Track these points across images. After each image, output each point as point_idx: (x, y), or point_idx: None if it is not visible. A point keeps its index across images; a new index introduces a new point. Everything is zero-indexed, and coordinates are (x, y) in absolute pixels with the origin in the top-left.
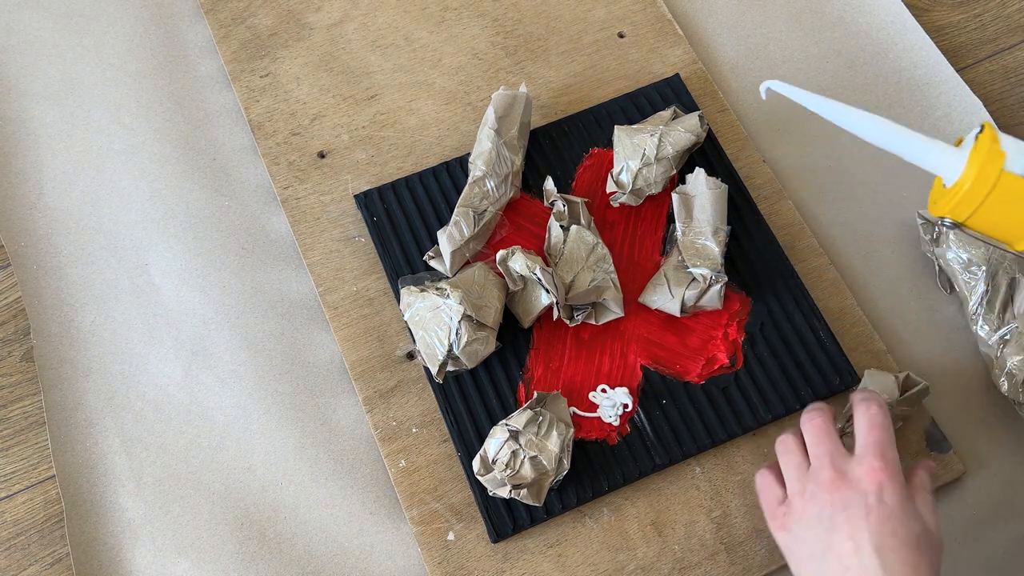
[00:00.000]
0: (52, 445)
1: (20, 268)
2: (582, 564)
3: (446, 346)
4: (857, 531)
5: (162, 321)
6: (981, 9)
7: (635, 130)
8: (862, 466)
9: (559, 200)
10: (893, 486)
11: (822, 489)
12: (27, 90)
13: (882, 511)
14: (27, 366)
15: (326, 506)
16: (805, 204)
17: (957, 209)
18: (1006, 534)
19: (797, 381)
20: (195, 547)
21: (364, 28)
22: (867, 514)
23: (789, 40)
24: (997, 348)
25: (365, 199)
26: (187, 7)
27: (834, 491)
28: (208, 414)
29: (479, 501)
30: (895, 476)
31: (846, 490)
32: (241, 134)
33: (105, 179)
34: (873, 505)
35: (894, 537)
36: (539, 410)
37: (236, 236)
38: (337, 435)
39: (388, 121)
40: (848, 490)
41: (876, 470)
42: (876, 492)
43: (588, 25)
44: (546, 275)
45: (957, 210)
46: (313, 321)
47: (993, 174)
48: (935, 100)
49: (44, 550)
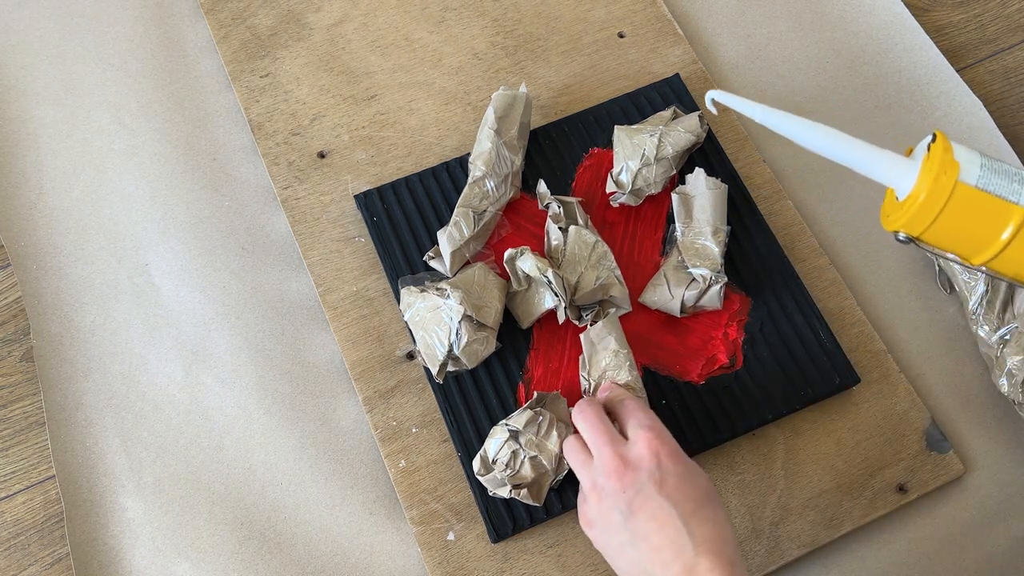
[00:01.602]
0: (52, 445)
1: (20, 268)
2: (582, 564)
3: (446, 346)
4: (655, 508)
5: (162, 321)
6: (981, 9)
7: (635, 130)
8: (636, 444)
9: (554, 202)
10: (668, 450)
11: (611, 479)
12: (27, 90)
13: (669, 480)
14: (27, 366)
15: (326, 506)
16: (805, 204)
17: (911, 223)
18: (1006, 534)
19: (797, 381)
20: (195, 547)
21: (364, 28)
22: (659, 487)
23: (789, 40)
24: (997, 348)
25: (365, 199)
26: (187, 7)
27: (619, 479)
28: (208, 414)
29: (479, 501)
30: (666, 441)
31: (631, 475)
32: (241, 134)
33: (105, 179)
34: (660, 477)
35: (689, 498)
36: (539, 410)
37: (236, 236)
38: (337, 435)
39: (388, 121)
40: (632, 474)
41: (649, 441)
42: (658, 466)
43: (588, 25)
44: (557, 279)
45: (911, 224)
46: (313, 321)
47: (947, 186)
48: (935, 100)
49: (44, 550)
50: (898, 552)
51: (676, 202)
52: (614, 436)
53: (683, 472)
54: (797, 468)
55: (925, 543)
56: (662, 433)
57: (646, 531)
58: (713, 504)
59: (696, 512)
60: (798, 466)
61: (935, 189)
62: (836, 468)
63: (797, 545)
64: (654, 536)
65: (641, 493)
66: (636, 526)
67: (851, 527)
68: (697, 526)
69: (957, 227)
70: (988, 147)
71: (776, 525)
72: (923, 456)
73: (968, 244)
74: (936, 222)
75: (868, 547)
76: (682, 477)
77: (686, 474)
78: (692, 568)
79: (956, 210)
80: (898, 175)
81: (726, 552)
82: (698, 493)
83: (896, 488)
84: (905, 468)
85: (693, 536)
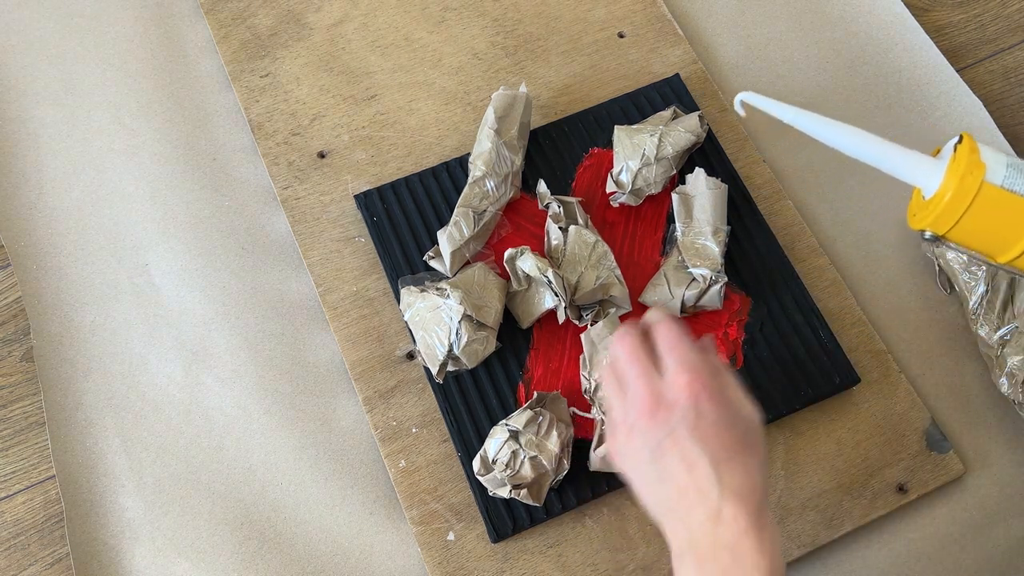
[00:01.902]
0: (52, 445)
1: (20, 268)
2: (582, 564)
3: (446, 346)
4: (686, 450)
5: (162, 321)
6: (981, 9)
7: (635, 130)
8: (674, 385)
9: (554, 202)
10: (708, 394)
11: (643, 417)
12: (27, 90)
13: (704, 424)
14: (27, 366)
15: (326, 506)
16: (805, 204)
17: (937, 222)
18: (1006, 534)
19: (797, 381)
20: (195, 547)
21: (364, 28)
22: (691, 430)
23: (789, 40)
24: (997, 348)
25: (365, 199)
26: (187, 7)
27: (654, 416)
28: (208, 414)
29: (479, 501)
30: (708, 384)
31: (664, 414)
32: (241, 134)
33: (105, 179)
34: (693, 420)
35: (722, 445)
36: (539, 410)
37: (236, 236)
38: (337, 435)
39: (388, 121)
40: (666, 413)
41: (689, 383)
42: (694, 406)
43: (588, 25)
44: (557, 278)
45: (937, 223)
46: (313, 321)
47: (973, 186)
48: (935, 100)
49: (44, 550)
50: (898, 552)
51: (676, 202)
52: (650, 371)
53: (721, 416)
54: (797, 468)
55: (925, 543)
56: (704, 373)
57: (673, 472)
58: (749, 451)
59: (728, 459)
60: (798, 466)
61: (961, 189)
62: (836, 468)
63: (797, 545)
64: (681, 478)
65: (672, 434)
66: (664, 467)
67: (851, 527)
68: (727, 472)
69: (982, 226)
70: None
71: (776, 525)
72: (923, 456)
73: (993, 243)
74: (962, 221)
75: (868, 547)
76: (718, 422)
77: (725, 419)
78: (717, 513)
79: (981, 209)
80: (925, 175)
81: (753, 500)
82: (734, 439)
83: (896, 488)
84: (905, 468)
85: (721, 482)
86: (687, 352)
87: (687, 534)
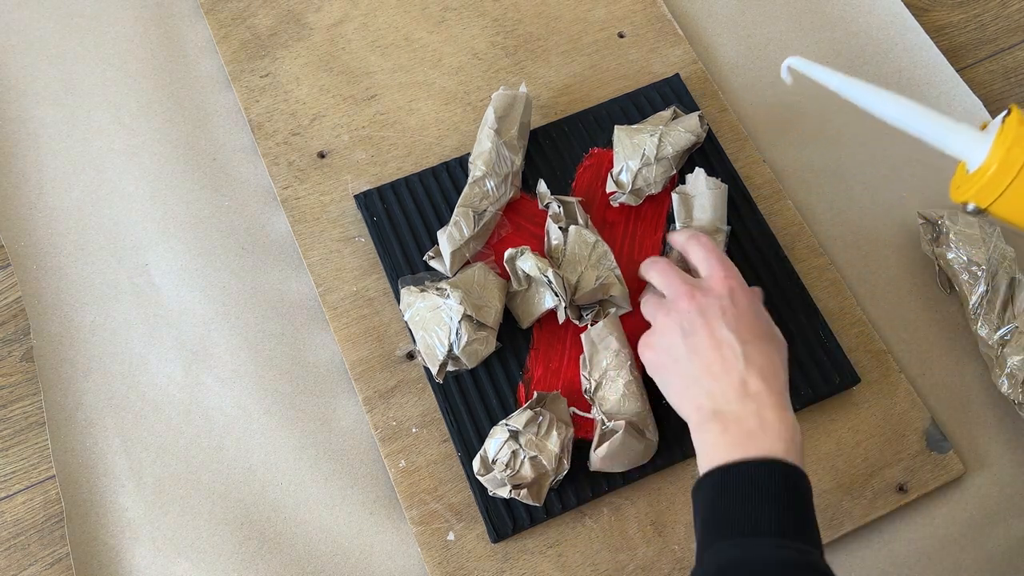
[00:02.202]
0: (52, 445)
1: (20, 268)
2: (582, 564)
3: (446, 346)
4: (715, 329)
5: (162, 321)
6: (981, 9)
7: (635, 130)
8: (712, 278)
9: (554, 202)
10: (742, 290)
11: (679, 300)
12: (27, 90)
13: (736, 310)
14: (27, 366)
15: (326, 506)
16: (805, 204)
17: (981, 194)
18: (1006, 534)
19: (797, 381)
20: (195, 547)
21: (364, 28)
22: (723, 313)
23: (789, 40)
24: (997, 348)
25: (365, 199)
26: (187, 7)
27: (690, 299)
28: (208, 414)
29: (479, 501)
30: (742, 283)
31: (701, 298)
32: (241, 134)
33: (105, 179)
34: (727, 306)
35: (749, 330)
36: (539, 410)
37: (236, 236)
38: (337, 435)
39: (388, 121)
40: (703, 297)
41: (725, 277)
42: (728, 295)
43: (588, 25)
44: (558, 278)
45: (981, 195)
46: (313, 321)
47: (1020, 158)
48: (935, 100)
49: (44, 550)
50: (898, 552)
51: (676, 202)
52: (688, 276)
53: (752, 307)
54: None
55: (925, 543)
56: (738, 276)
57: (702, 348)
58: (774, 345)
59: (754, 342)
60: None
61: (1007, 160)
62: (836, 468)
63: None
64: (709, 353)
65: (705, 314)
66: (694, 343)
67: (851, 527)
68: (753, 352)
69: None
70: None
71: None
72: (923, 456)
73: None
74: (1006, 193)
75: (868, 547)
76: (749, 311)
77: (754, 310)
78: (743, 384)
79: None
80: (970, 147)
81: (776, 383)
82: (761, 330)
83: (896, 488)
84: (905, 468)
85: (747, 359)
86: (722, 256)
87: (711, 403)
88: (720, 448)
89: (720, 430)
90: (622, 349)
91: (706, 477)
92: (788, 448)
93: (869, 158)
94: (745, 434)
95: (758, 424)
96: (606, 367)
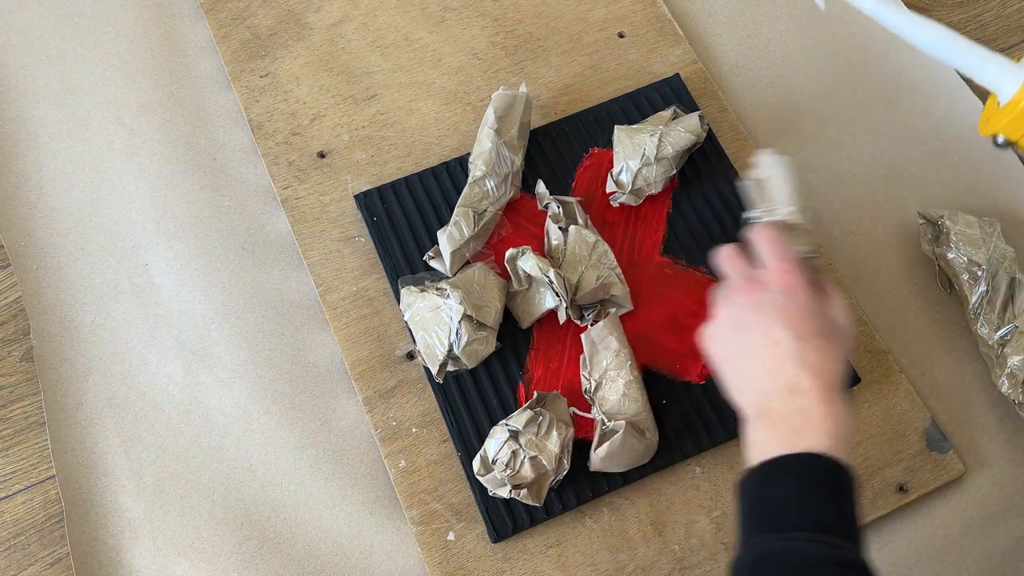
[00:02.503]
0: (52, 445)
1: (20, 268)
2: (582, 564)
3: (446, 346)
4: (770, 327)
5: (162, 321)
6: (981, 9)
7: (635, 130)
8: (770, 272)
9: (553, 202)
10: (801, 285)
11: (736, 294)
12: (27, 90)
13: (793, 307)
14: (27, 366)
15: (326, 506)
16: (805, 204)
17: (1011, 126)
18: (1006, 534)
19: None
20: (195, 547)
21: (364, 28)
22: (778, 310)
23: (789, 40)
24: (997, 348)
25: (365, 199)
26: (187, 7)
27: (747, 294)
28: (208, 414)
29: (479, 501)
30: (801, 279)
31: (758, 292)
32: (241, 134)
33: (105, 179)
34: (784, 302)
35: (804, 327)
36: (539, 410)
37: (236, 236)
38: (337, 435)
39: (388, 121)
40: (760, 291)
41: (784, 272)
42: (786, 291)
43: (588, 25)
44: (559, 278)
45: (1011, 127)
46: (313, 321)
47: None
48: (935, 100)
49: (44, 550)
50: (898, 552)
51: (750, 189)
52: (748, 267)
53: (811, 306)
54: None
55: (925, 543)
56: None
57: (756, 345)
58: (832, 341)
59: (810, 339)
60: None
61: None
62: None
63: None
64: (763, 350)
65: (762, 309)
66: (748, 339)
67: None
68: (808, 350)
69: None
70: (988, 146)
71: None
72: (923, 456)
73: None
74: None
75: (868, 547)
76: (807, 308)
77: (813, 308)
78: (794, 382)
79: None
80: (1004, 79)
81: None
82: (819, 327)
83: (896, 488)
84: (905, 468)
85: (802, 357)
86: (784, 250)
87: (762, 401)
88: (766, 444)
89: (767, 426)
90: (622, 349)
91: (750, 472)
92: (834, 443)
93: (869, 158)
94: (792, 430)
95: (804, 420)
96: (606, 367)
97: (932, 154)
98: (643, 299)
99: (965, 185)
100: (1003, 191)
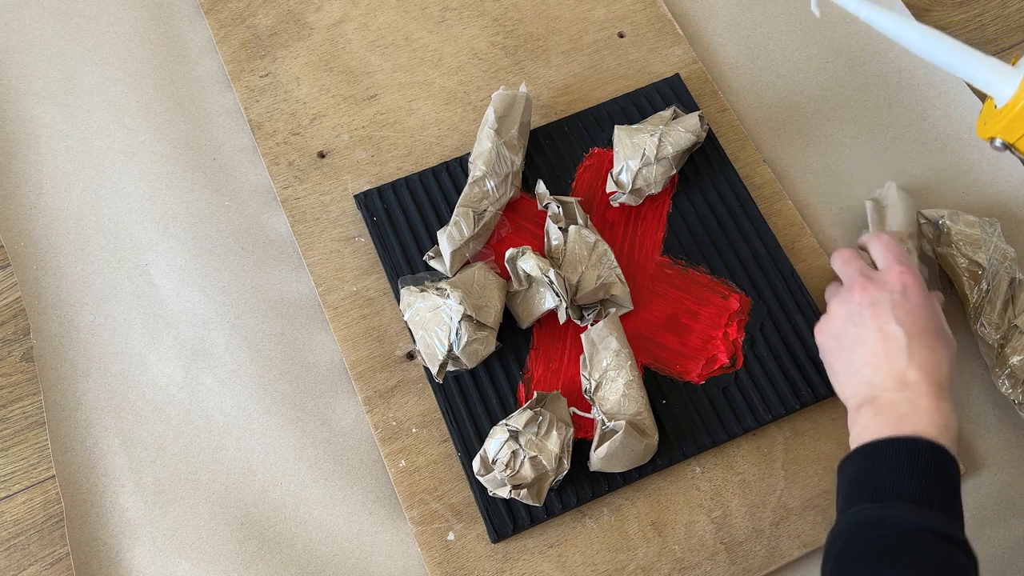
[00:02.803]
0: (52, 445)
1: (20, 268)
2: (582, 564)
3: (446, 346)
4: (884, 322)
5: (162, 321)
6: (981, 9)
7: (635, 130)
8: (887, 272)
9: (552, 202)
10: (916, 286)
11: (852, 291)
12: (27, 90)
13: (907, 305)
14: (27, 366)
15: (326, 506)
16: (805, 204)
17: (1008, 129)
18: (1006, 534)
19: (797, 381)
20: (195, 547)
21: (364, 28)
22: (893, 307)
23: (789, 40)
24: (997, 348)
25: (365, 199)
26: (187, 7)
27: (863, 291)
28: (208, 414)
29: (479, 501)
30: (917, 278)
31: (873, 289)
32: (241, 134)
33: (105, 179)
34: (898, 300)
35: (917, 325)
36: (539, 410)
37: (236, 236)
38: (337, 435)
39: (388, 121)
40: (875, 289)
41: (900, 272)
42: (901, 290)
43: (588, 25)
44: (559, 279)
45: (1008, 130)
46: (313, 321)
47: None
48: (935, 100)
49: (44, 550)
50: None
51: (870, 208)
52: (865, 267)
53: (923, 304)
54: (797, 468)
55: None
56: (915, 272)
57: (868, 339)
58: (941, 342)
59: (920, 337)
60: (798, 466)
61: None
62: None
63: (798, 545)
64: (874, 344)
65: (876, 306)
66: (861, 333)
67: None
68: (917, 347)
69: None
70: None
71: (777, 525)
72: None
73: None
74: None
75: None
76: (920, 307)
77: (926, 307)
78: (902, 375)
79: None
80: (999, 82)
81: (937, 375)
82: (930, 327)
83: None
84: None
85: (911, 352)
86: (901, 253)
87: (869, 391)
88: (872, 428)
89: (873, 413)
90: (622, 349)
91: (854, 452)
92: (941, 432)
93: (869, 158)
94: (898, 416)
95: (911, 409)
96: (606, 367)
97: (932, 154)
98: (643, 299)
99: (965, 185)
100: (1003, 191)
